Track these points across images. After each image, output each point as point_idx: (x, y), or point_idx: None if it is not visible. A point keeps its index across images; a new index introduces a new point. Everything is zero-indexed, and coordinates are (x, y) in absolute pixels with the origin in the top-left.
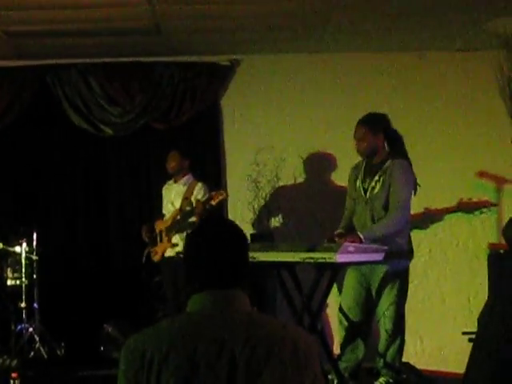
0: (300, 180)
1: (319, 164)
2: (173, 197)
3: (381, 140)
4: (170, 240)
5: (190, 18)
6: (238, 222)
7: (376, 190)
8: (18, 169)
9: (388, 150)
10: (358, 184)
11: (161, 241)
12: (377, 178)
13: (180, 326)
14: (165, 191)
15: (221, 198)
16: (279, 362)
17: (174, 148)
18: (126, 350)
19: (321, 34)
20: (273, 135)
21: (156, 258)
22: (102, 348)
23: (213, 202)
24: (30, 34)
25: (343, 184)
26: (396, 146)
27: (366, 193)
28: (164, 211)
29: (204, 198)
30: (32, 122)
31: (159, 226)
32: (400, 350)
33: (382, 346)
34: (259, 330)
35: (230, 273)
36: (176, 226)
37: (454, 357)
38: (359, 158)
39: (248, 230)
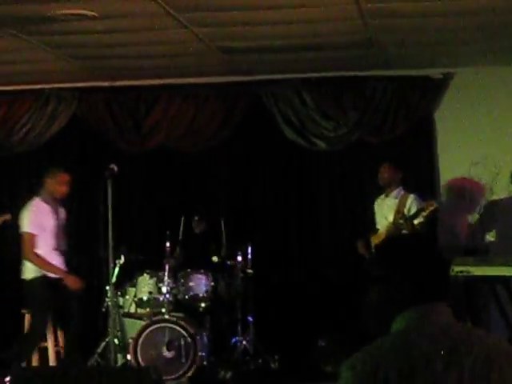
0: None
1: None
2: (385, 211)
3: None
4: None
5: (402, 32)
6: None
7: None
8: (231, 183)
9: None
10: None
11: None
12: None
13: (404, 344)
14: (377, 206)
15: (431, 208)
16: (498, 376)
17: (386, 161)
18: (352, 369)
19: None
20: (487, 148)
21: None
22: (315, 361)
23: (424, 213)
24: (243, 50)
25: None
26: None
27: None
28: (378, 226)
29: (413, 212)
30: (245, 136)
31: (374, 240)
32: None
33: None
34: (477, 345)
35: (435, 287)
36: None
37: None
38: None
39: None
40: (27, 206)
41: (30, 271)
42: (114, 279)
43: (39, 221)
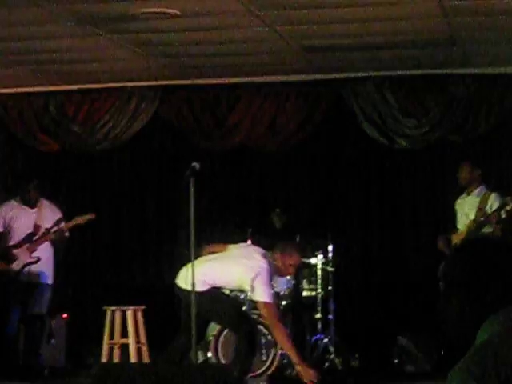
0: None
1: None
2: (466, 210)
3: None
4: None
5: (484, 29)
6: None
7: None
8: (311, 182)
9: None
10: None
11: None
12: None
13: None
14: (458, 206)
15: None
16: None
17: (466, 159)
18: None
19: None
20: None
21: None
22: (395, 360)
23: (508, 207)
24: (324, 48)
25: None
26: None
27: None
28: (458, 225)
29: (497, 207)
30: (326, 135)
31: (455, 238)
32: None
33: None
34: None
35: None
36: (471, 237)
37: None
38: None
39: None
40: None
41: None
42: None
43: None
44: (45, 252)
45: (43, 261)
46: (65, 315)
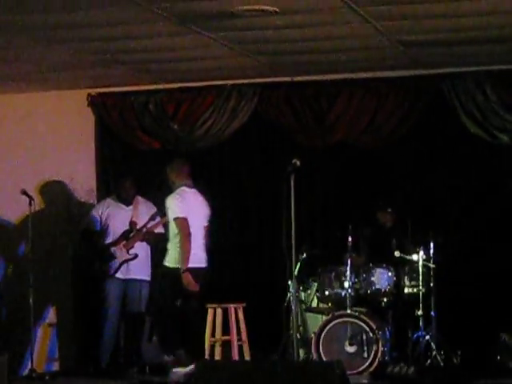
0: None
1: None
2: None
3: None
4: None
5: None
6: None
7: None
8: (412, 178)
9: None
10: None
11: None
12: None
13: None
14: None
15: None
16: None
17: None
18: None
19: None
20: None
21: None
22: (498, 357)
23: None
24: (424, 44)
25: None
26: None
27: None
28: None
29: None
30: (426, 131)
31: None
32: None
33: None
34: None
35: None
36: None
37: None
38: None
39: None
40: None
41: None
42: (296, 274)
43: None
44: (142, 249)
45: (141, 257)
46: None
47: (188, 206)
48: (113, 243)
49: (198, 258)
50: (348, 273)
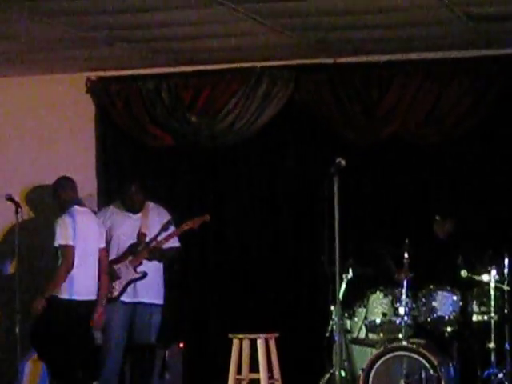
0: None
1: None
2: None
3: None
4: None
5: None
6: None
7: None
8: (483, 181)
9: None
10: None
11: None
12: None
13: None
14: None
15: None
16: None
17: None
18: None
19: None
20: None
21: None
22: None
23: None
24: (495, 18)
25: None
26: None
27: None
28: None
29: None
30: (499, 121)
31: None
32: None
33: None
34: None
35: None
36: None
37: None
38: None
39: None
40: None
41: None
42: (340, 298)
43: None
44: (152, 266)
45: (150, 276)
46: (181, 344)
47: (79, 230)
48: (117, 259)
49: (86, 288)
50: (404, 296)
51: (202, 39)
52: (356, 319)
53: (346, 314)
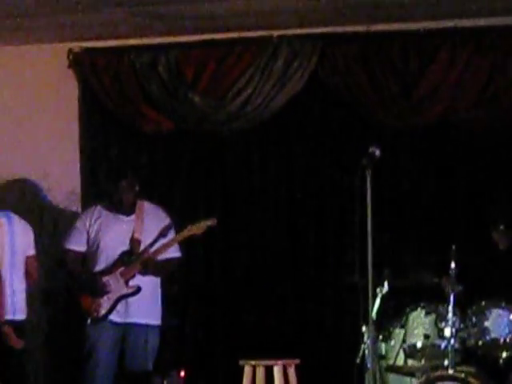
0: None
1: None
2: None
3: None
4: None
5: None
6: None
7: None
8: None
9: None
10: None
11: None
12: None
13: None
14: None
15: None
16: None
17: None
18: None
19: None
20: None
21: None
22: None
23: None
24: None
25: None
26: None
27: None
28: None
29: None
30: None
31: None
32: None
33: None
34: None
35: None
36: None
37: None
38: None
39: None
40: None
41: None
42: (374, 316)
43: None
44: (147, 279)
45: (145, 292)
46: (182, 372)
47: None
48: (105, 271)
49: (13, 306)
50: (450, 315)
51: (208, 2)
52: (392, 342)
53: (380, 337)
